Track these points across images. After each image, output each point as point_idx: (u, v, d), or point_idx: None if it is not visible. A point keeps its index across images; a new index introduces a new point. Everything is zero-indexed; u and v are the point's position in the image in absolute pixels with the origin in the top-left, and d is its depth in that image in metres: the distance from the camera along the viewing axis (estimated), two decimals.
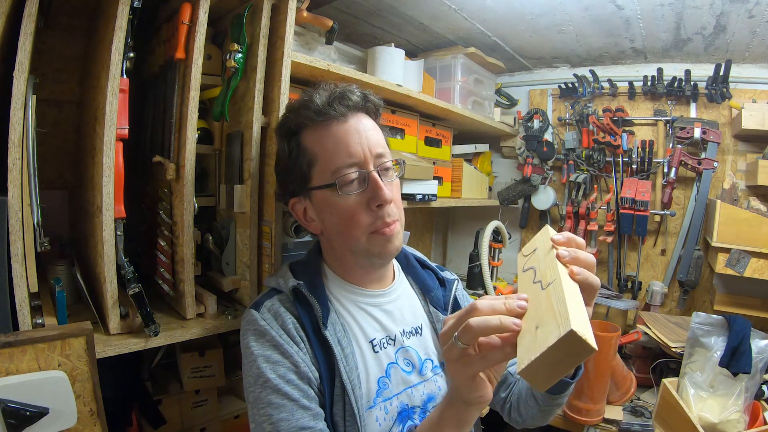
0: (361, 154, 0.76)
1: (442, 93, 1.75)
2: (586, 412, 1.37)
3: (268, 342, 0.75)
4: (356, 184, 0.77)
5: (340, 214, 0.78)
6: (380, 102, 0.85)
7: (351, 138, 0.77)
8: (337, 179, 0.76)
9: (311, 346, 0.76)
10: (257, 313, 0.78)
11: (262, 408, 0.70)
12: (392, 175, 0.81)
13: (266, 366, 0.72)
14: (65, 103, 1.25)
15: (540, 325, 0.49)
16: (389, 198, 0.76)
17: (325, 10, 1.34)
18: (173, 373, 1.30)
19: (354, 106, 0.79)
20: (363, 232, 0.77)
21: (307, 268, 0.85)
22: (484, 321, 0.53)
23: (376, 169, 0.77)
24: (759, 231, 1.43)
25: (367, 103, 0.81)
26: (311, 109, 0.77)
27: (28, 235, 0.78)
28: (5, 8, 0.75)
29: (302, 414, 0.70)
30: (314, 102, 0.77)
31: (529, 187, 2.08)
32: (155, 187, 1.10)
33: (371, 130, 0.80)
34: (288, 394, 0.70)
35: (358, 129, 0.78)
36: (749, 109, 1.61)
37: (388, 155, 0.81)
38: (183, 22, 0.95)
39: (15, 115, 0.75)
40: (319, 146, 0.78)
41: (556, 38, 1.77)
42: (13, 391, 0.69)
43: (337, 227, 0.79)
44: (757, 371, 1.24)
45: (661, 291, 1.84)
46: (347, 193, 0.76)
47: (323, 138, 0.78)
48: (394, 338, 0.83)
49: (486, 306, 0.55)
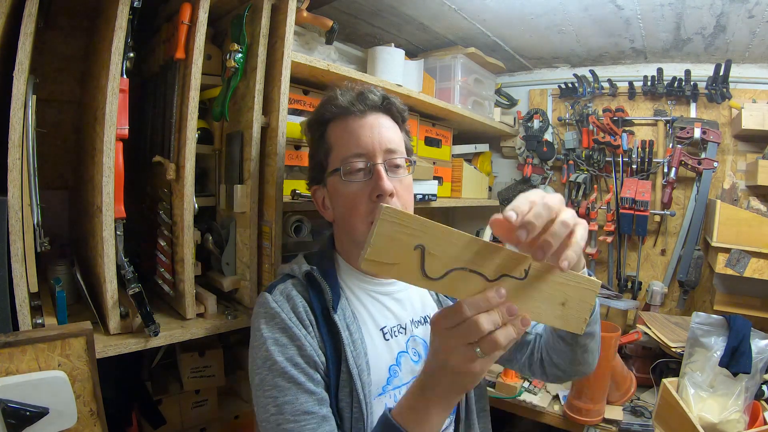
0: (370, 146, 0.80)
1: (442, 93, 1.75)
2: (586, 412, 1.37)
3: (278, 325, 0.76)
4: (361, 173, 0.80)
5: (344, 201, 0.82)
6: (403, 107, 0.88)
7: (363, 131, 0.81)
8: (342, 165, 0.80)
9: (319, 330, 0.77)
10: (269, 296, 0.80)
11: (268, 390, 0.72)
12: (401, 173, 0.83)
13: (275, 348, 0.74)
14: (65, 103, 1.25)
15: (565, 301, 0.57)
16: (389, 190, 0.77)
17: (325, 10, 1.34)
18: (173, 373, 1.30)
19: (373, 105, 0.83)
20: (362, 221, 0.79)
21: (321, 257, 0.88)
22: (508, 334, 0.52)
23: (384, 162, 0.80)
24: (759, 231, 1.43)
25: (388, 104, 0.85)
26: (334, 105, 0.83)
27: (28, 235, 0.78)
28: (5, 8, 0.75)
29: (306, 398, 0.71)
30: (338, 98, 0.83)
31: (529, 187, 2.08)
32: (155, 187, 1.10)
33: (387, 128, 0.83)
34: (294, 377, 0.72)
35: (372, 124, 0.82)
36: (749, 109, 1.61)
37: (400, 153, 0.83)
38: (183, 22, 0.95)
39: (15, 115, 0.75)
40: (335, 137, 0.84)
41: (556, 38, 1.77)
42: (13, 391, 0.69)
43: (342, 215, 0.84)
44: (757, 371, 1.24)
45: (661, 291, 1.84)
46: (351, 181, 0.80)
47: (340, 130, 0.83)
48: (405, 327, 0.85)
49: (482, 308, 0.52)
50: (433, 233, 0.51)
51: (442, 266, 0.52)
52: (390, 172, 0.81)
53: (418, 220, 0.50)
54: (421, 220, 0.50)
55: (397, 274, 0.51)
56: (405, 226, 0.49)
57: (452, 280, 0.52)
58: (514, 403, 1.50)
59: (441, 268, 0.52)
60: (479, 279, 0.53)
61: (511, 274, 0.54)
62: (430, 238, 0.50)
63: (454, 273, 0.52)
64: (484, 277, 0.53)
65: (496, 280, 0.54)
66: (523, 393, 1.52)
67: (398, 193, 0.80)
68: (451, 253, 0.52)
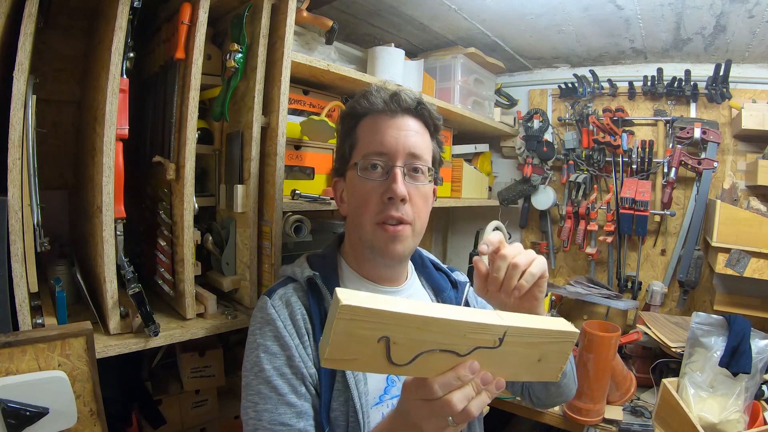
0: (393, 147, 0.79)
1: (442, 93, 1.75)
2: (586, 412, 1.37)
3: (271, 332, 0.76)
4: (379, 172, 0.79)
5: (357, 196, 0.81)
6: (438, 116, 0.87)
7: (390, 131, 0.80)
8: (362, 161, 0.80)
9: (315, 338, 0.77)
10: (269, 300, 0.80)
11: (251, 395, 0.73)
12: (421, 179, 0.82)
13: (264, 356, 0.74)
14: (65, 103, 1.25)
15: (541, 357, 0.56)
16: (401, 194, 0.77)
17: (325, 10, 1.34)
18: (173, 373, 1.30)
19: (405, 107, 0.82)
20: (370, 220, 0.79)
21: (324, 261, 0.86)
22: (481, 403, 0.53)
23: (404, 166, 0.79)
24: (759, 231, 1.43)
25: (421, 109, 0.84)
26: (368, 100, 0.83)
27: (28, 235, 0.78)
28: (5, 8, 0.75)
29: (285, 410, 0.71)
30: (372, 94, 0.83)
31: (529, 187, 2.08)
32: (155, 187, 1.10)
33: (415, 132, 0.82)
34: (277, 387, 0.72)
35: (400, 126, 0.81)
36: (749, 109, 1.61)
37: (423, 160, 0.82)
38: (183, 22, 0.95)
39: (15, 115, 0.75)
40: (363, 133, 0.83)
41: (556, 38, 1.77)
42: (13, 391, 0.69)
43: (354, 210, 0.83)
44: (757, 371, 1.24)
45: (661, 291, 1.84)
46: (366, 177, 0.80)
47: (369, 126, 0.83)
48: None
49: (454, 387, 0.52)
50: (398, 323, 0.47)
51: (410, 352, 0.49)
52: (409, 178, 0.80)
53: (378, 314, 0.46)
54: (383, 313, 0.46)
55: (360, 367, 0.49)
56: (365, 321, 0.45)
57: (422, 363, 0.50)
58: (514, 403, 1.50)
59: (409, 354, 0.49)
60: (450, 356, 0.51)
61: (484, 345, 0.52)
62: (394, 329, 0.47)
63: (423, 356, 0.50)
64: (455, 353, 0.51)
65: (469, 353, 0.51)
66: None
67: (412, 200, 0.79)
68: (419, 339, 0.48)
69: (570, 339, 0.56)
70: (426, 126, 0.85)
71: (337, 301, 0.44)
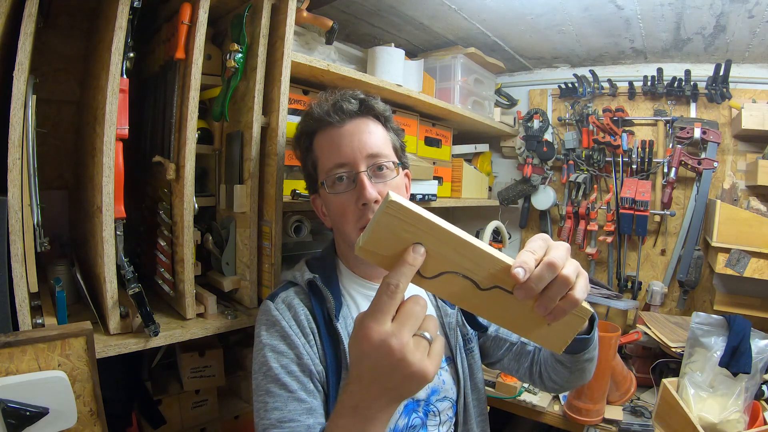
0: (351, 155, 0.80)
1: (442, 93, 1.75)
2: (586, 412, 1.37)
3: (277, 332, 0.78)
4: (345, 183, 0.81)
5: (334, 210, 0.83)
6: (385, 106, 0.88)
7: (343, 141, 0.81)
8: (326, 178, 0.82)
9: (320, 338, 0.78)
10: (272, 304, 0.82)
11: (261, 395, 0.74)
12: (389, 175, 0.83)
13: (271, 355, 0.76)
14: (65, 103, 1.25)
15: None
16: (372, 198, 0.78)
17: (325, 10, 1.34)
18: (173, 373, 1.30)
19: (350, 112, 0.83)
20: (353, 228, 0.81)
21: (323, 264, 0.88)
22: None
23: (367, 169, 0.80)
24: (759, 231, 1.43)
25: (367, 108, 0.85)
26: (313, 118, 0.85)
27: (28, 235, 0.78)
28: (5, 8, 0.75)
29: (295, 406, 0.72)
30: (315, 111, 0.84)
31: (529, 187, 2.08)
32: (155, 187, 1.10)
33: (367, 133, 0.83)
34: (286, 385, 0.73)
35: (352, 132, 0.82)
36: (749, 109, 1.61)
37: (384, 156, 0.83)
38: (183, 22, 0.95)
39: (15, 115, 0.75)
40: (319, 149, 0.85)
41: (556, 38, 1.77)
42: (13, 391, 0.69)
43: (336, 223, 0.85)
44: (757, 371, 1.24)
45: (661, 291, 1.84)
46: (336, 192, 0.82)
47: (322, 141, 0.85)
48: None
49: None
50: (436, 235, 0.48)
51: (437, 267, 0.50)
52: (375, 177, 0.81)
53: (423, 221, 0.48)
54: (427, 221, 0.48)
55: (388, 266, 0.50)
56: (408, 223, 0.47)
57: (443, 282, 0.51)
58: (514, 403, 1.50)
59: (435, 269, 0.50)
60: (470, 285, 0.52)
61: (503, 286, 0.52)
62: (431, 239, 0.48)
63: (447, 275, 0.51)
64: (476, 285, 0.52)
65: (488, 289, 0.52)
66: (523, 393, 1.52)
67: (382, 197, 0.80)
68: (450, 257, 0.50)
69: (582, 315, 0.56)
70: (377, 120, 0.86)
71: (386, 197, 0.46)
